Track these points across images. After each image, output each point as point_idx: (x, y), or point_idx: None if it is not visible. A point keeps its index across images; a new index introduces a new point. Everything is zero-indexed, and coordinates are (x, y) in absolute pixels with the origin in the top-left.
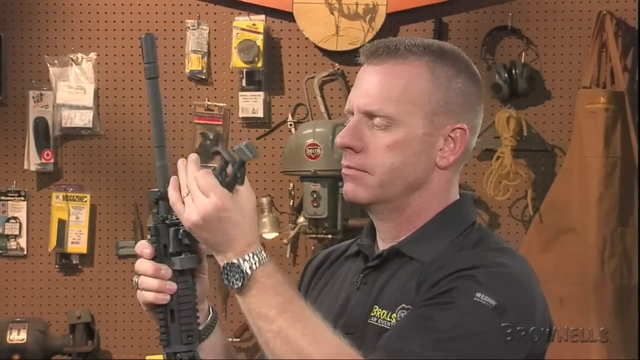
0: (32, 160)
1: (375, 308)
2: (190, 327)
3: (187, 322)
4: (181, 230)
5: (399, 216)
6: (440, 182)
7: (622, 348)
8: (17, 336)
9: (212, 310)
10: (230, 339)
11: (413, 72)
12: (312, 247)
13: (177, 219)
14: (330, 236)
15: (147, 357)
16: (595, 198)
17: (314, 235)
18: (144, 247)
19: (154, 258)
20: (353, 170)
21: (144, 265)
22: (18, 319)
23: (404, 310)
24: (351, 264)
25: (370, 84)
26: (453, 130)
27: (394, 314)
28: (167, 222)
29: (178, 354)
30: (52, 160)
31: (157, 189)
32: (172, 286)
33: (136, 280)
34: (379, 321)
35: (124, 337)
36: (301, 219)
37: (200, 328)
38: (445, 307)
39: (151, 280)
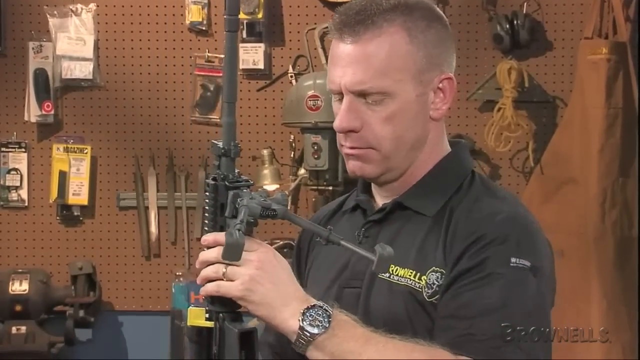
0: (33, 112)
1: None
2: None
3: None
4: (240, 198)
5: (401, 176)
6: (436, 133)
7: (622, 299)
8: (19, 287)
9: None
10: None
11: (392, 39)
12: (313, 199)
13: (239, 180)
14: (331, 188)
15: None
16: (597, 149)
17: (315, 187)
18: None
19: (210, 215)
20: (357, 149)
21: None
22: (20, 270)
23: (435, 273)
24: (349, 219)
25: (354, 62)
26: (441, 81)
27: (424, 276)
28: (227, 182)
29: (221, 314)
30: (52, 112)
31: (221, 143)
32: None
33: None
34: (391, 277)
35: (125, 289)
36: (302, 171)
37: None
38: (487, 280)
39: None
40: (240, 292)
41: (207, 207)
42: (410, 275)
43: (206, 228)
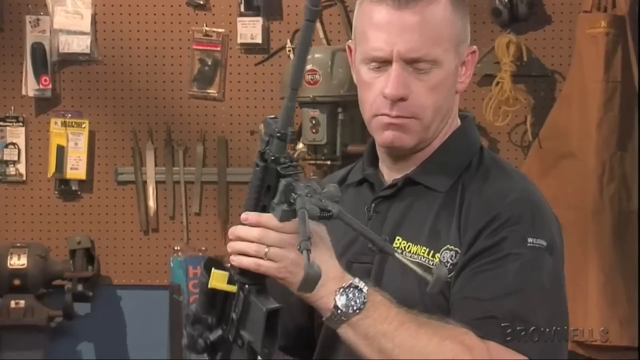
0: (30, 86)
1: (398, 240)
2: None
3: None
4: (287, 184)
5: (422, 150)
6: (455, 106)
7: (620, 273)
8: (18, 261)
9: None
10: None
11: (443, 7)
12: (311, 174)
13: (288, 165)
14: (329, 162)
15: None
16: (595, 123)
17: (313, 162)
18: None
19: (253, 194)
20: (402, 118)
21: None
22: (18, 245)
23: (449, 251)
24: (356, 193)
25: (408, 29)
26: (468, 54)
27: (438, 254)
28: (279, 168)
29: (246, 285)
30: (50, 86)
31: (275, 123)
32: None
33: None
34: (404, 254)
35: (123, 263)
36: (300, 145)
37: None
38: (505, 261)
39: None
40: (282, 274)
41: (252, 185)
42: (423, 253)
43: (248, 205)
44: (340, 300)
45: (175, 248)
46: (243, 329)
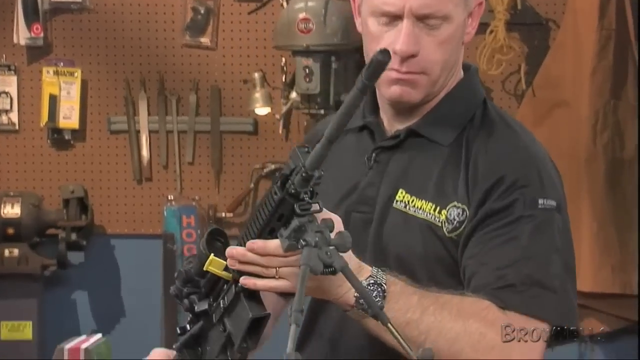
0: (22, 34)
1: (401, 192)
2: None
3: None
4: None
5: (428, 102)
6: (460, 58)
7: (612, 221)
8: (11, 210)
9: None
10: (223, 214)
11: None
12: (305, 123)
13: (306, 203)
14: (322, 111)
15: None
16: (589, 71)
17: (307, 111)
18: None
19: (263, 216)
20: (411, 74)
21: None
22: (11, 193)
23: (456, 209)
24: (356, 139)
25: None
26: (475, 6)
27: (444, 210)
28: (297, 206)
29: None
30: (41, 35)
31: (304, 158)
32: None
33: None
34: (408, 207)
35: (117, 212)
36: (293, 95)
37: None
38: (517, 224)
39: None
40: (296, 289)
41: (264, 208)
42: (429, 209)
43: (255, 225)
44: (360, 299)
45: (169, 197)
46: (227, 318)
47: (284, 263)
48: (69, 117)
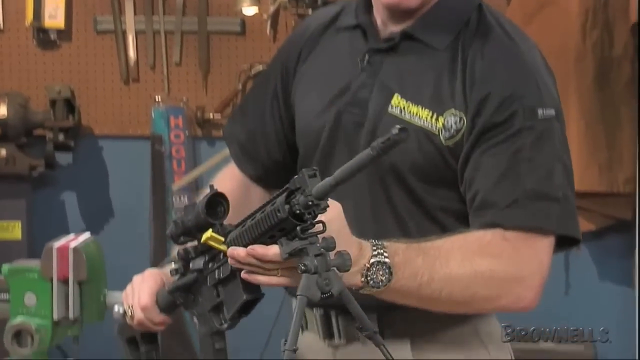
0: None
1: (397, 97)
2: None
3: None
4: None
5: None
6: None
7: (600, 119)
8: None
9: None
10: (211, 115)
11: None
12: (293, 24)
13: (309, 224)
14: (310, 11)
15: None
16: None
17: (295, 11)
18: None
19: (266, 225)
20: None
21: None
22: None
23: (453, 116)
24: (348, 39)
25: None
26: None
27: (441, 117)
28: (299, 229)
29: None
30: None
31: (313, 182)
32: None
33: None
34: (403, 114)
35: (104, 113)
36: None
37: None
38: (519, 137)
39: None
40: (297, 284)
41: (265, 221)
42: (426, 116)
43: (255, 230)
44: (368, 280)
45: (156, 98)
46: (221, 288)
47: (284, 266)
48: (54, 17)
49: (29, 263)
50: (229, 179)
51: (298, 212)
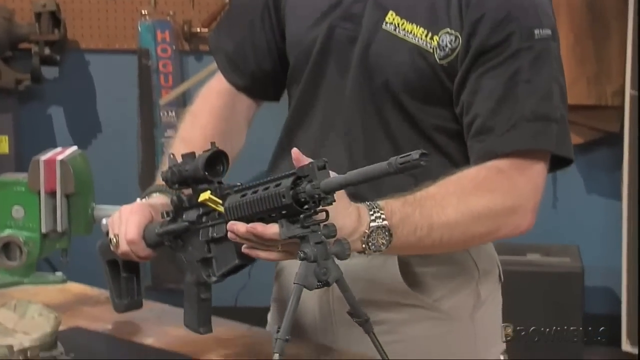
0: None
1: (391, 14)
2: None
3: None
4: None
5: None
6: None
7: (589, 33)
8: None
9: None
10: (198, 29)
11: None
12: None
13: (312, 212)
14: None
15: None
16: None
17: None
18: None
19: (267, 204)
20: None
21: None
22: None
23: (449, 35)
24: None
25: None
26: None
27: (436, 36)
28: (302, 217)
29: None
30: None
31: (323, 174)
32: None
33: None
34: (397, 30)
35: (90, 27)
36: None
37: None
38: (516, 58)
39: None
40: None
41: (267, 201)
42: (420, 34)
43: (256, 206)
44: (369, 245)
45: (143, 12)
46: (213, 245)
47: (283, 242)
48: None
49: (16, 176)
50: (215, 95)
51: (303, 200)
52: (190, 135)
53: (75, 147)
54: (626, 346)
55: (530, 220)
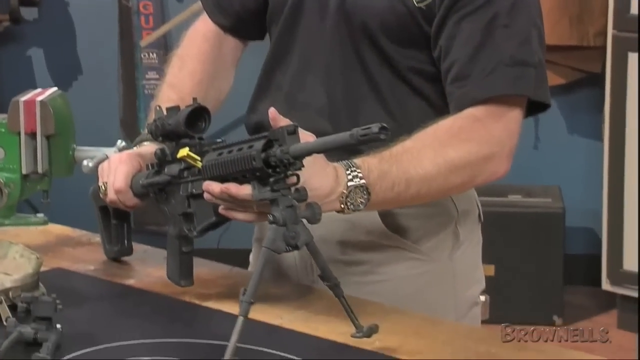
0: None
1: None
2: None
3: None
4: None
5: None
6: None
7: None
8: None
9: None
10: None
11: None
12: None
13: (282, 176)
14: None
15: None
16: None
17: None
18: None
19: (239, 166)
20: None
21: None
22: None
23: None
24: None
25: None
26: None
27: None
28: (272, 181)
29: None
30: None
31: (293, 139)
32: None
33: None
34: None
35: None
36: None
37: None
38: (495, 1)
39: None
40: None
41: (241, 161)
42: None
43: (230, 169)
44: (347, 205)
45: None
46: (192, 200)
47: (258, 204)
48: None
49: None
50: (201, 38)
51: (274, 163)
52: (178, 80)
53: (55, 88)
54: (606, 285)
55: (506, 165)
